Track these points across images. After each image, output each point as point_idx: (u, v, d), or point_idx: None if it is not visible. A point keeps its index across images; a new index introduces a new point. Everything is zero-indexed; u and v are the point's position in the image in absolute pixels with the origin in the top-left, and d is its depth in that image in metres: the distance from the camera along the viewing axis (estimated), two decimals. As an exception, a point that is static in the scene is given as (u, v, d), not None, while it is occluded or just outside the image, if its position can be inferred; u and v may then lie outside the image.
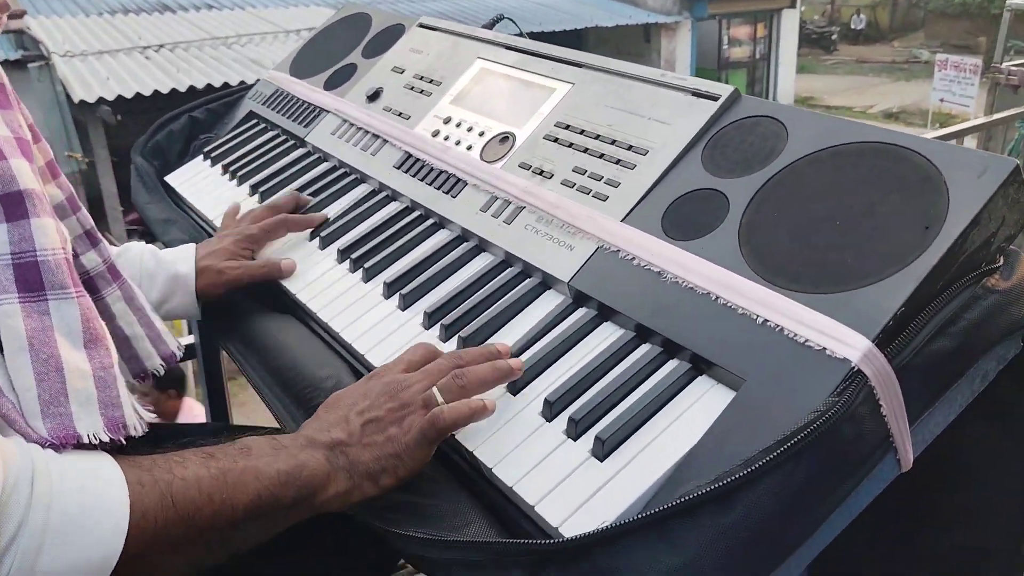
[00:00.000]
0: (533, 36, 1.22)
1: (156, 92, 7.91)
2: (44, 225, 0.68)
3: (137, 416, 0.72)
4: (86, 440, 0.65)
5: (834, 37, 21.25)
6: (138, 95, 7.87)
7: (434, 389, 0.77)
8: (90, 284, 0.87)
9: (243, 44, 9.67)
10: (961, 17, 18.67)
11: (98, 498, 0.61)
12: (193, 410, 3.49)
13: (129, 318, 0.91)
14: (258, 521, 0.70)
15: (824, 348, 0.69)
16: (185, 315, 1.13)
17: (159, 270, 1.09)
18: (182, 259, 1.10)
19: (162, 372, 0.95)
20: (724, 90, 0.94)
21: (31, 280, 0.67)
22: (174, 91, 7.90)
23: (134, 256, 1.10)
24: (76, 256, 0.85)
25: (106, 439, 0.67)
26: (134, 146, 1.52)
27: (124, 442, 0.69)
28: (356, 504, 0.75)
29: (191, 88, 7.92)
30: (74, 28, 9.99)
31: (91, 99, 7.82)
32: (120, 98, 7.87)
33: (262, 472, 0.69)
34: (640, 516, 0.62)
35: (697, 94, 0.95)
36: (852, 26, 22.40)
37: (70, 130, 8.78)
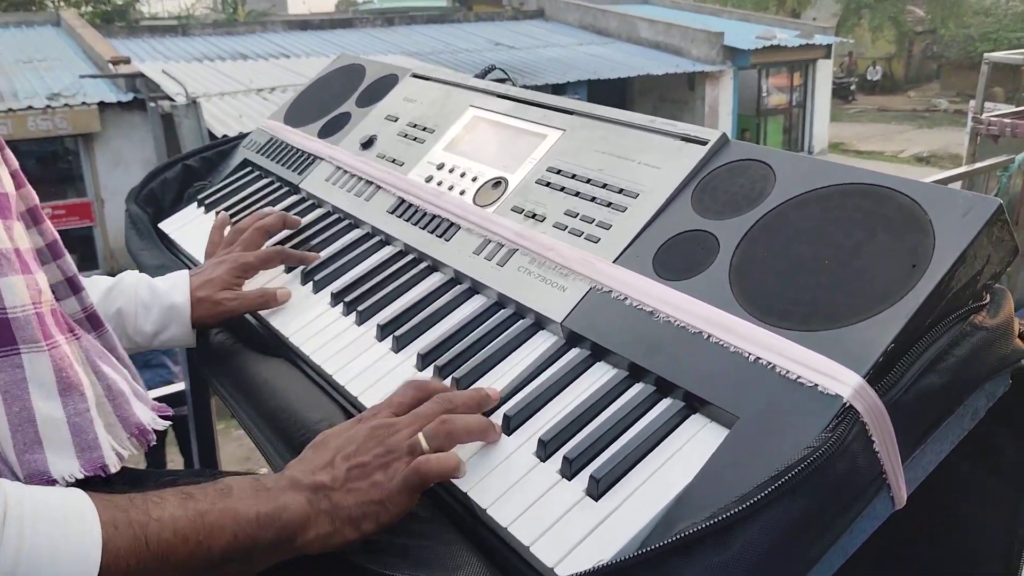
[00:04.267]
0: (591, 84, 1.26)
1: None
2: (12, 284, 0.71)
3: (116, 455, 0.75)
4: (60, 483, 0.68)
5: (852, 87, 22.16)
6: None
7: (420, 435, 0.77)
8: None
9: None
10: (973, 68, 19.39)
11: (71, 539, 0.60)
12: None
13: (111, 372, 0.89)
14: (235, 562, 0.69)
15: (816, 384, 0.69)
16: (180, 344, 1.12)
17: (154, 301, 1.08)
18: (176, 289, 1.10)
19: (160, 426, 0.89)
20: (712, 135, 0.96)
21: (3, 336, 0.70)
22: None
23: (129, 286, 1.10)
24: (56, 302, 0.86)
25: (81, 477, 0.70)
26: (128, 194, 1.53)
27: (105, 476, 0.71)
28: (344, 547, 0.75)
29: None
30: (184, 73, 10.53)
31: (232, 134, 8.48)
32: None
33: (241, 514, 0.69)
34: (636, 554, 0.62)
35: (686, 139, 0.97)
36: (868, 77, 23.52)
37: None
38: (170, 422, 0.89)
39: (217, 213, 1.42)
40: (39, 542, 0.59)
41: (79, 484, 0.74)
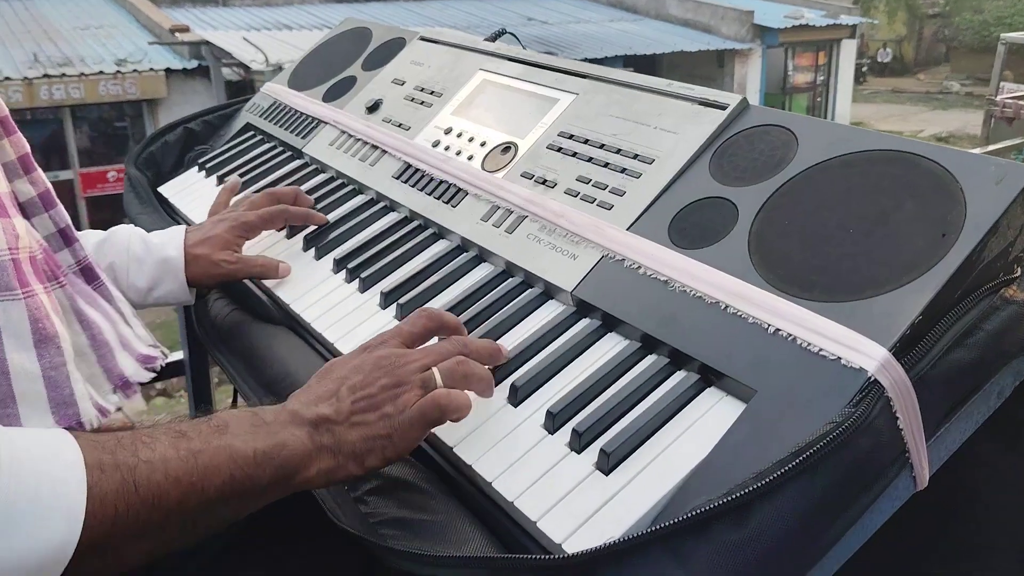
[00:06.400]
0: (627, 60, 1.22)
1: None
2: None
3: (98, 410, 0.72)
4: None
5: (864, 70, 22.22)
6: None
7: (435, 370, 0.73)
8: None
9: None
10: (985, 52, 19.48)
11: (54, 484, 0.56)
12: None
13: (101, 321, 0.87)
14: (231, 502, 0.65)
15: (839, 358, 0.66)
16: (176, 301, 1.08)
17: (147, 255, 1.04)
18: (171, 243, 1.06)
19: (144, 378, 0.89)
20: (732, 99, 0.92)
21: None
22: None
23: (120, 240, 1.06)
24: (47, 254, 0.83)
25: None
26: (127, 156, 1.50)
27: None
28: (346, 516, 0.72)
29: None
30: (242, 40, 10.71)
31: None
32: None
33: (237, 451, 0.65)
34: (648, 531, 0.59)
35: (704, 103, 0.94)
36: (879, 59, 23.67)
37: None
38: (154, 373, 0.86)
39: (219, 179, 1.39)
40: (21, 488, 0.55)
41: None
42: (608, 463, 0.69)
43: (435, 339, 0.81)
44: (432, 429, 0.73)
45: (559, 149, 1.01)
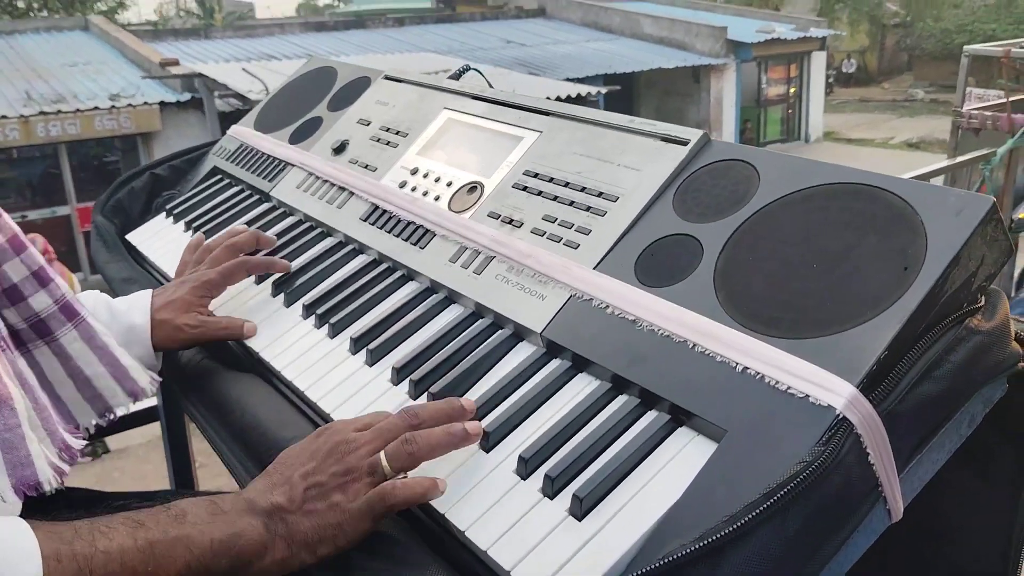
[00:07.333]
0: (607, 78, 1.22)
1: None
2: None
3: (53, 471, 0.71)
4: None
5: (830, 80, 22.73)
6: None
7: (381, 454, 0.73)
8: (42, 327, 0.85)
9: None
10: (947, 59, 20.04)
11: (9, 573, 0.57)
12: None
13: (88, 357, 0.89)
14: None
15: (807, 395, 0.66)
16: (144, 367, 1.07)
17: (113, 322, 1.02)
18: (137, 309, 1.04)
19: (130, 408, 0.94)
20: (693, 135, 0.92)
21: None
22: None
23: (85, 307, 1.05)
24: (24, 299, 0.84)
25: (12, 500, 0.66)
26: (95, 204, 1.49)
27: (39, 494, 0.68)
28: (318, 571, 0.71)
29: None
30: (233, 71, 10.94)
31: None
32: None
33: (194, 541, 0.66)
34: (622, 579, 0.59)
35: (667, 139, 0.94)
36: (843, 70, 24.33)
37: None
38: (87, 442, 0.86)
39: (187, 224, 1.38)
40: None
41: (31, 504, 0.70)
42: (581, 508, 0.68)
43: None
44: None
45: (525, 188, 1.01)
